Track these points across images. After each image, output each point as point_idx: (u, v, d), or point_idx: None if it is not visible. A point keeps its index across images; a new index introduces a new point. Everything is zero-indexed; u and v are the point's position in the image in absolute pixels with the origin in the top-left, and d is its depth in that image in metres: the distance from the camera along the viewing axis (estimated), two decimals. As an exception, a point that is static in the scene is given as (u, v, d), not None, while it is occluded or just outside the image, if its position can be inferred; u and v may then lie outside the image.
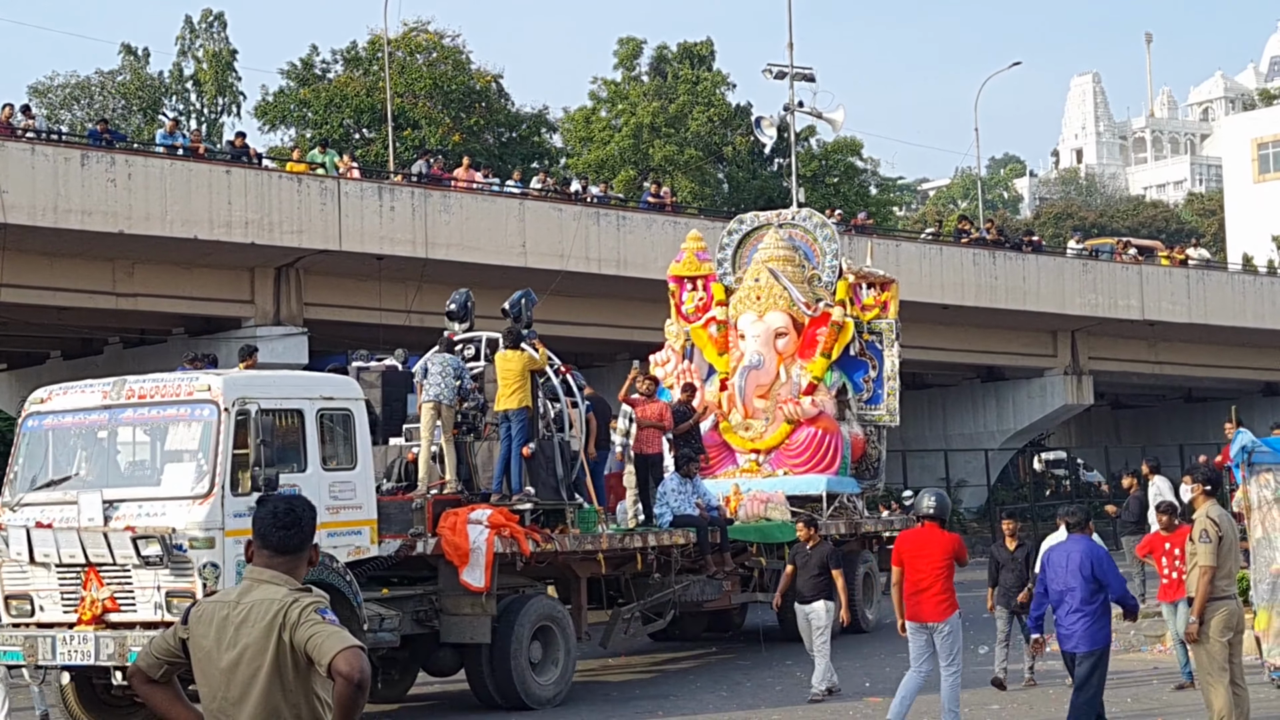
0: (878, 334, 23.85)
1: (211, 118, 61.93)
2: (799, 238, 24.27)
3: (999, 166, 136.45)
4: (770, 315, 23.36)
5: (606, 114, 57.22)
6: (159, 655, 5.68)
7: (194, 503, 14.11)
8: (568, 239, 33.42)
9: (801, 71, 37.74)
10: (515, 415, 17.52)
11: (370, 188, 32.13)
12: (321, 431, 15.26)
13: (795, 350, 23.31)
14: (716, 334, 23.66)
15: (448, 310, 20.02)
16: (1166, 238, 71.04)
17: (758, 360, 23.14)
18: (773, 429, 23.00)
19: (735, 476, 22.58)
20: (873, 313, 23.92)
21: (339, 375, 17.22)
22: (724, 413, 23.24)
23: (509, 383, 17.60)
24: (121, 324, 32.47)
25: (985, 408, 46.42)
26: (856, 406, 23.64)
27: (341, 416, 15.56)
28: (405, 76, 51.01)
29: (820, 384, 23.11)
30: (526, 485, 17.54)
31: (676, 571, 19.52)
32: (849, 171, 58.91)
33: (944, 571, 12.81)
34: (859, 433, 23.49)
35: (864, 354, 23.72)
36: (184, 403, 14.67)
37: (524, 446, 17.50)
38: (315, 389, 15.71)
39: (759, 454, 23.00)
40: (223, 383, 14.71)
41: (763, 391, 23.20)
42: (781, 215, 24.91)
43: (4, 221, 26.44)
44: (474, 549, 16.25)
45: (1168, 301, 44.10)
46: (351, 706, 5.26)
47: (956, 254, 41.01)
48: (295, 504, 5.70)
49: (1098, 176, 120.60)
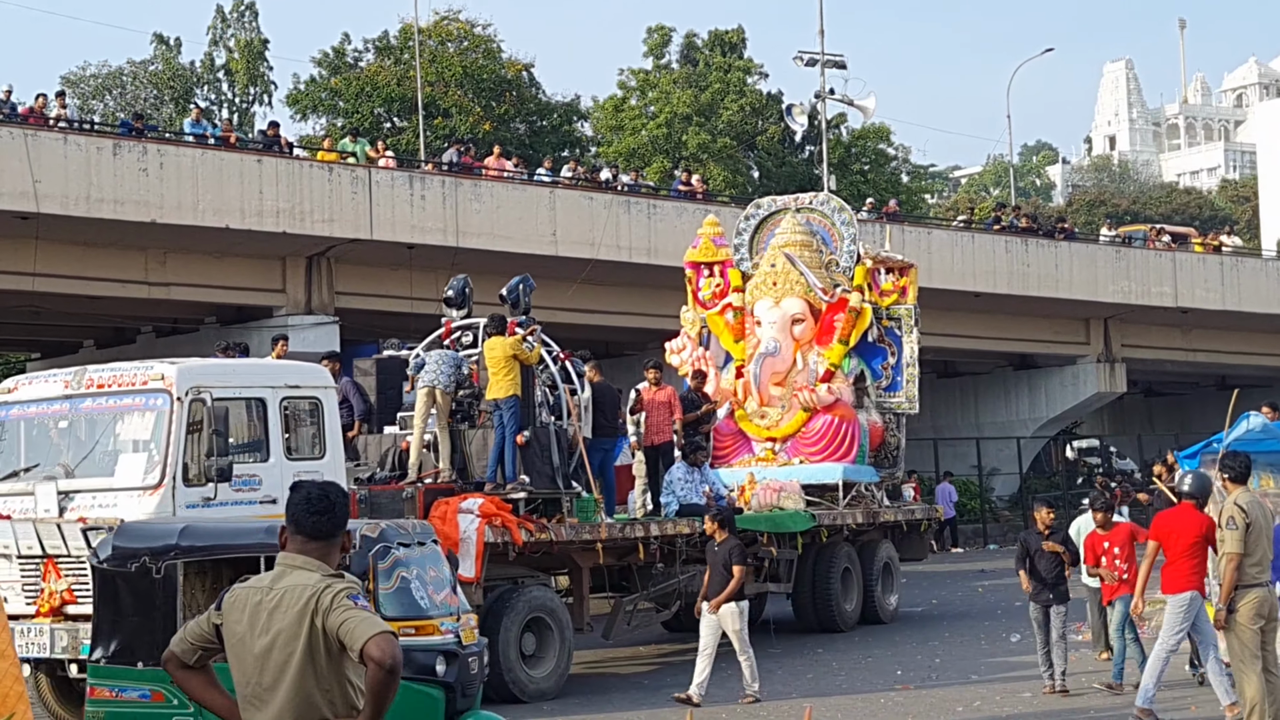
0: (897, 320, 23.40)
1: (243, 107, 62.04)
2: (816, 222, 23.79)
3: (1031, 154, 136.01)
4: (787, 301, 22.93)
5: (636, 102, 57.20)
6: (193, 641, 5.70)
7: (144, 493, 13.90)
8: (598, 228, 33.43)
9: (832, 59, 37.73)
10: (506, 404, 17.23)
11: (401, 176, 32.18)
12: (286, 421, 14.99)
13: (812, 337, 22.90)
14: (733, 321, 23.25)
15: (445, 297, 19.76)
16: (1200, 224, 70.75)
17: (774, 347, 22.78)
18: (789, 417, 22.61)
19: (751, 465, 22.20)
20: (891, 298, 23.44)
21: (308, 364, 16.84)
22: (740, 400, 22.82)
23: (496, 370, 17.33)
24: (154, 313, 32.61)
25: (1017, 396, 46.29)
26: (875, 394, 23.22)
27: (309, 405, 15.27)
28: (436, 65, 51.06)
29: (838, 371, 22.70)
30: (521, 474, 17.25)
31: (682, 561, 19.19)
32: (880, 159, 58.80)
33: (1191, 550, 12.67)
34: (877, 420, 23.08)
35: (883, 340, 23.27)
36: (139, 392, 14.46)
37: (518, 434, 17.20)
38: (279, 377, 15.42)
39: (775, 442, 22.58)
40: (176, 371, 14.47)
41: (779, 379, 22.82)
42: (799, 200, 24.44)
43: (37, 211, 26.57)
44: (464, 539, 16.01)
45: (1201, 288, 43.91)
46: (384, 691, 5.28)
47: (988, 241, 40.90)
48: (328, 489, 5.71)
49: (1131, 163, 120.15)
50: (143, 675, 10.91)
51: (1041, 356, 45.31)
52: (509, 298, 19.10)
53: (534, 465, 17.46)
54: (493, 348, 17.46)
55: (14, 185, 26.38)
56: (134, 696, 10.95)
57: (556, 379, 18.76)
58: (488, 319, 18.22)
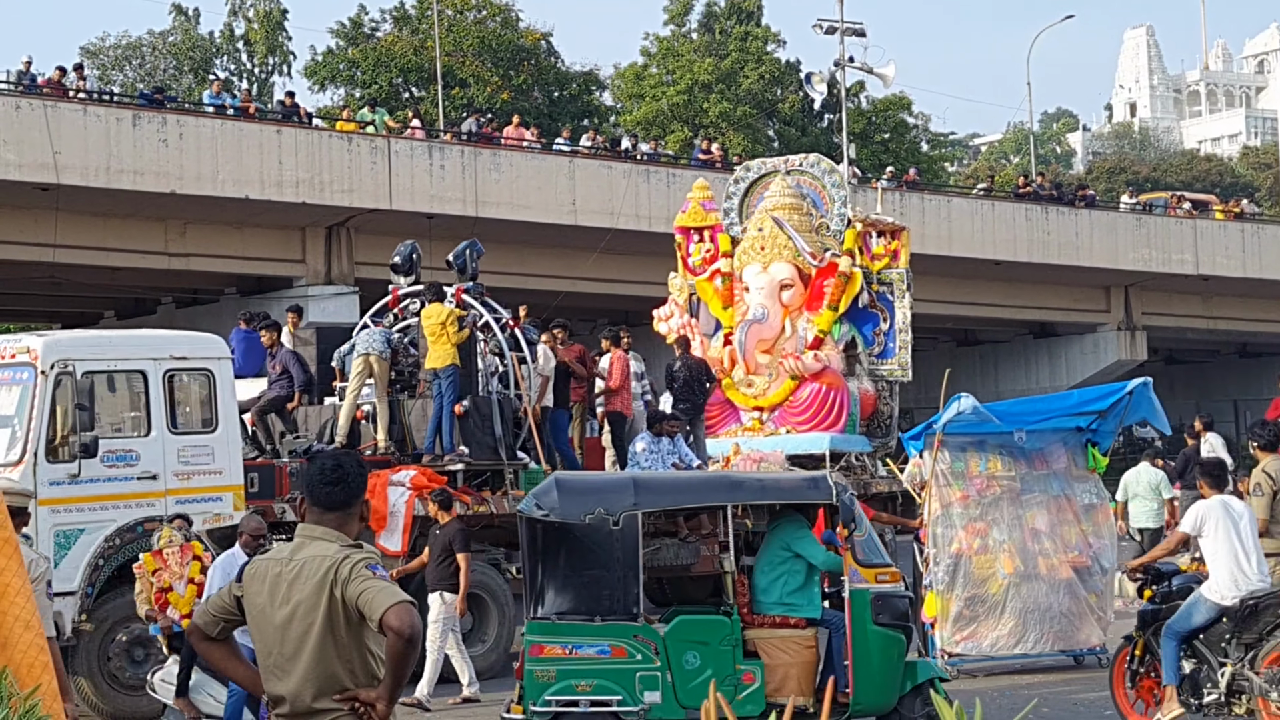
0: (888, 284, 22.25)
1: (262, 78, 62.05)
2: (807, 184, 22.78)
3: (1051, 121, 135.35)
4: (775, 266, 21.91)
5: (658, 70, 57.06)
6: (215, 613, 5.76)
7: (4, 470, 13.43)
8: (618, 197, 33.39)
9: (851, 26, 37.56)
10: (444, 373, 16.66)
11: (420, 146, 32.19)
12: (171, 393, 14.56)
13: (802, 303, 21.94)
14: (721, 287, 22.25)
15: (391, 264, 19.11)
16: (1221, 192, 70.41)
17: (761, 314, 21.83)
18: (776, 386, 21.61)
19: (738, 435, 21.36)
20: (883, 262, 22.25)
21: (200, 334, 16.24)
22: (726, 369, 21.93)
23: (435, 338, 16.80)
24: (174, 284, 32.68)
25: (1037, 364, 46.18)
26: (867, 361, 22.21)
27: (198, 376, 14.87)
28: (453, 35, 50.98)
29: (827, 338, 21.69)
30: (460, 445, 16.63)
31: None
32: (899, 127, 58.60)
33: None
34: (869, 388, 22.06)
35: (875, 306, 22.19)
36: (6, 365, 14.11)
37: (456, 404, 16.62)
38: (162, 348, 14.94)
39: (762, 412, 21.61)
40: (43, 345, 14.10)
41: (766, 346, 21.87)
42: (789, 162, 23.48)
43: (57, 182, 26.63)
44: (393, 512, 15.51)
45: (1222, 256, 43.74)
46: (403, 660, 5.32)
47: (1009, 209, 40.78)
48: (343, 460, 5.74)
49: (1151, 130, 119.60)
50: (602, 630, 10.95)
51: (1062, 324, 45.21)
52: (455, 263, 18.44)
53: (473, 436, 16.82)
54: (430, 315, 16.93)
55: (34, 156, 26.44)
56: (591, 653, 10.97)
57: (504, 347, 18.01)
58: (425, 286, 17.69)
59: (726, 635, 11.25)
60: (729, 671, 11.02)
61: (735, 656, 11.21)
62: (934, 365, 49.75)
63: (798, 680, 11.38)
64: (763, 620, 11.61)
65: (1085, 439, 16.12)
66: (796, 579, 11.69)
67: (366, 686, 5.46)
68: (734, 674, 11.13)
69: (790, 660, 11.44)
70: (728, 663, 11.09)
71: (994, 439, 15.91)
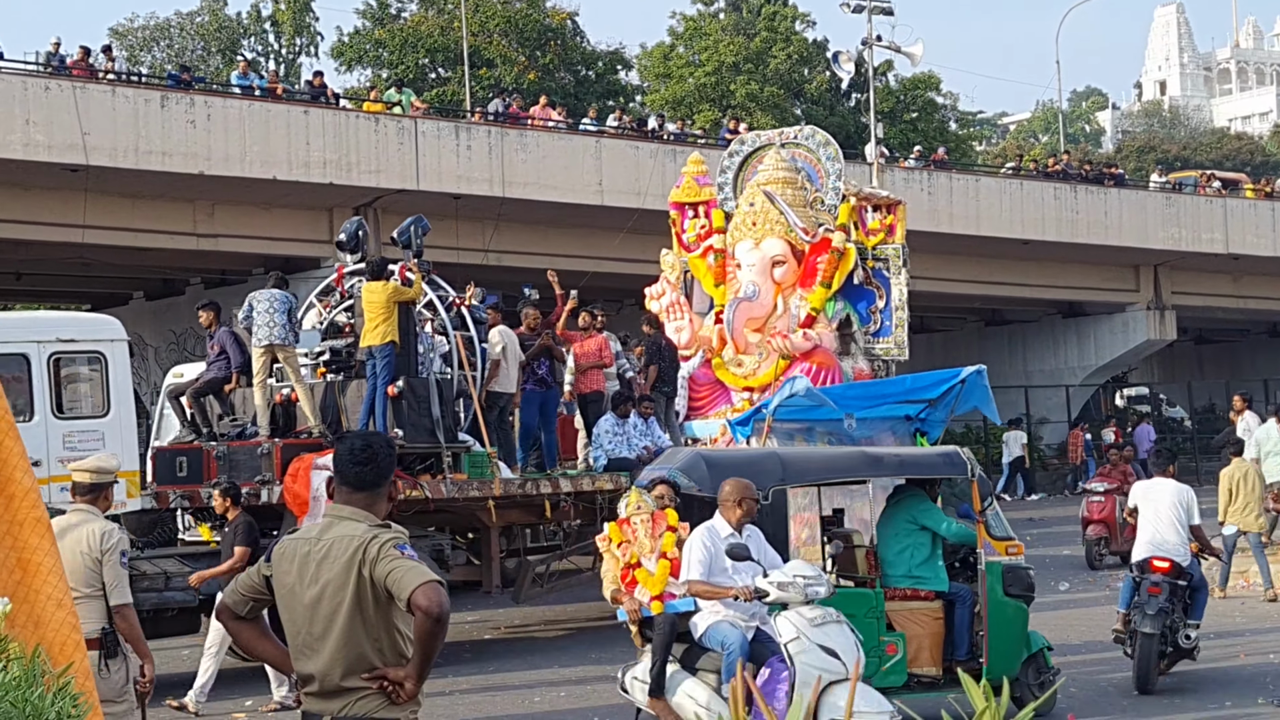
0: (884, 260, 21.59)
1: (289, 58, 62.12)
2: (802, 158, 22.11)
3: (1080, 99, 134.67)
4: (767, 242, 21.13)
5: (685, 50, 56.94)
6: (244, 593, 5.78)
7: None
8: (644, 176, 33.34)
9: (879, 4, 37.36)
10: (379, 351, 16.04)
11: (447, 127, 32.19)
12: (57, 376, 14.26)
13: (795, 280, 21.18)
14: (714, 264, 21.60)
15: (337, 241, 18.54)
16: (1251, 170, 70.00)
17: (752, 291, 20.97)
18: (766, 365, 20.81)
19: (727, 415, 20.11)
20: (878, 237, 21.61)
21: (92, 315, 15.66)
22: (716, 349, 21.20)
23: (373, 316, 16.10)
24: (202, 264, 32.76)
25: (1066, 344, 46.04)
26: (863, 339, 21.56)
27: (86, 359, 14.55)
28: (480, 15, 50.94)
29: (820, 315, 21.01)
30: (394, 428, 15.99)
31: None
32: (928, 107, 58.40)
33: None
34: (864, 367, 21.36)
35: (870, 282, 21.55)
36: None
37: (389, 385, 16.05)
38: (49, 331, 14.65)
39: (752, 392, 20.73)
40: None
41: (756, 325, 21.03)
42: (784, 134, 22.89)
43: (86, 163, 26.70)
44: (315, 498, 15.04)
45: (1252, 235, 43.51)
46: (432, 640, 5.33)
47: (1037, 188, 40.61)
48: (372, 440, 5.77)
49: (1181, 109, 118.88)
50: None
51: (1090, 304, 45.05)
52: (400, 239, 17.85)
53: (407, 417, 16.27)
54: (371, 292, 16.28)
55: (63, 138, 26.51)
56: None
57: (448, 325, 17.52)
58: (365, 262, 17.10)
59: (872, 608, 11.34)
60: (874, 643, 11.04)
61: (879, 628, 11.29)
62: (962, 345, 49.79)
63: (930, 651, 11.59)
64: (893, 593, 11.69)
65: (914, 428, 15.12)
66: (922, 552, 11.79)
67: (395, 665, 5.48)
68: (878, 645, 11.21)
69: (923, 632, 11.61)
70: (873, 634, 11.10)
71: (823, 425, 15.16)
